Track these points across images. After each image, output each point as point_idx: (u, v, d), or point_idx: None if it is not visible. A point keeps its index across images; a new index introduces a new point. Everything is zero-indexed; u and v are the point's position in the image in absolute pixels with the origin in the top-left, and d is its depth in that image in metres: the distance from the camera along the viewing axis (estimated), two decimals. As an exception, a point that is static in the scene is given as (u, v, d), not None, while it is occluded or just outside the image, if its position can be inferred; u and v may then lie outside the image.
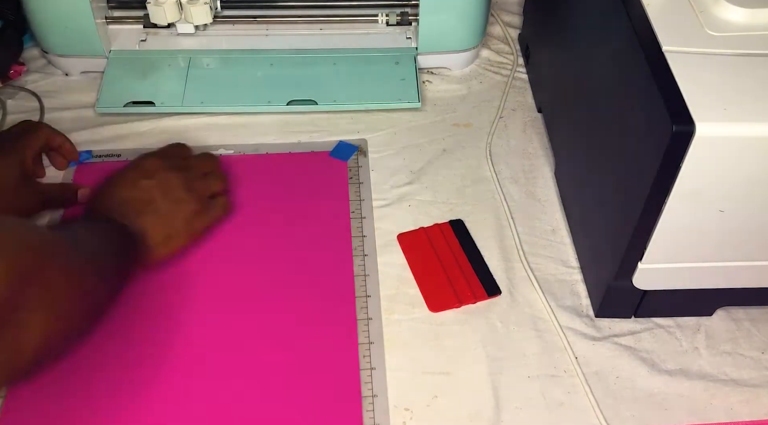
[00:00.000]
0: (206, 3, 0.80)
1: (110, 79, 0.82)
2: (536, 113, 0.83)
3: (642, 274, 0.59)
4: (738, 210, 0.53)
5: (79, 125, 0.79)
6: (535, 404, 0.59)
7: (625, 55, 0.56)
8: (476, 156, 0.78)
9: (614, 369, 0.62)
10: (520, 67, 0.89)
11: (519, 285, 0.67)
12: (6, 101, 0.82)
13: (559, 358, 0.62)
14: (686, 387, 0.61)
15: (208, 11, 0.81)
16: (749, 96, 0.50)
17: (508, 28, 0.93)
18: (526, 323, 0.64)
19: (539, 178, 0.77)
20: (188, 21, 0.82)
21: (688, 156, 0.49)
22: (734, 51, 0.53)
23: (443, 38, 0.84)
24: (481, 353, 0.62)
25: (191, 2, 0.80)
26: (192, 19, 0.81)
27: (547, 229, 0.72)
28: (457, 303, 0.65)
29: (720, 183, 0.51)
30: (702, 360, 0.62)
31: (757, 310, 0.66)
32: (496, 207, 0.73)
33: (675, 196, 0.52)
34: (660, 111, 0.49)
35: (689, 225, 0.54)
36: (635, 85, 0.54)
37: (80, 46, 0.82)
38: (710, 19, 0.55)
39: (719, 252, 0.58)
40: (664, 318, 0.65)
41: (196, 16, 0.81)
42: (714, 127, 0.48)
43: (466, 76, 0.88)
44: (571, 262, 0.69)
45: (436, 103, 0.84)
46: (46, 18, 0.80)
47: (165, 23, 0.81)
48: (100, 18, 0.81)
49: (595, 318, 0.65)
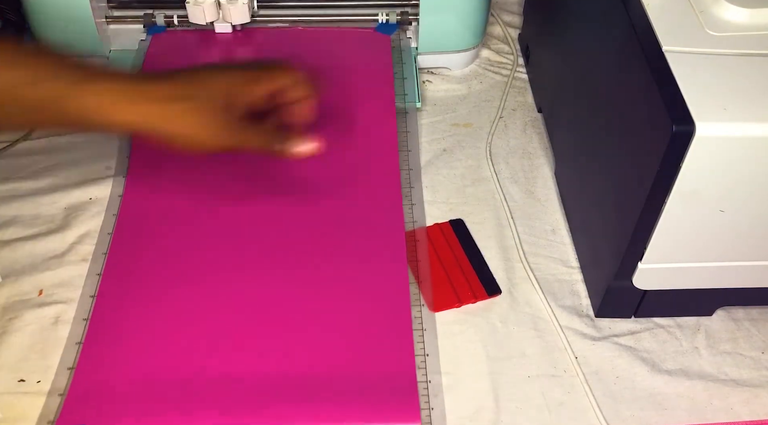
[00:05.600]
0: (245, 3, 0.81)
1: (110, 79, 0.82)
2: (536, 113, 0.83)
3: (642, 274, 0.59)
4: (738, 210, 0.53)
5: (79, 125, 0.79)
6: (535, 404, 0.59)
7: (625, 55, 0.56)
8: (476, 156, 0.78)
9: (614, 369, 0.62)
10: (520, 67, 0.89)
11: (519, 285, 0.67)
12: (6, 101, 0.82)
13: (559, 358, 0.62)
14: (686, 387, 0.61)
15: (246, 11, 0.81)
16: (749, 96, 0.50)
17: (508, 28, 0.93)
18: (526, 323, 0.64)
19: (539, 178, 0.77)
20: (226, 20, 0.82)
21: (688, 156, 0.49)
22: (734, 51, 0.53)
23: (443, 38, 0.84)
24: (481, 353, 0.62)
25: (230, 2, 0.81)
26: (230, 18, 0.82)
27: (547, 229, 0.72)
28: (458, 302, 0.65)
29: (720, 183, 0.51)
30: (702, 360, 0.62)
31: (757, 310, 0.66)
32: (496, 207, 0.74)
33: (675, 195, 0.52)
34: (660, 111, 0.49)
35: (689, 225, 0.55)
36: (635, 85, 0.54)
37: (80, 46, 0.82)
38: (710, 19, 0.55)
39: (719, 252, 0.58)
40: (664, 318, 0.65)
41: (235, 16, 0.82)
42: (714, 127, 0.48)
43: (466, 76, 0.88)
44: (571, 262, 0.69)
45: (436, 103, 0.84)
46: (46, 18, 0.80)
47: (203, 23, 0.81)
48: (100, 18, 0.81)
49: (595, 318, 0.65)
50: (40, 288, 0.65)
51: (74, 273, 0.66)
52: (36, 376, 0.59)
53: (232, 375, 0.58)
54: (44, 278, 0.66)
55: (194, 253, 0.65)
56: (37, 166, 0.75)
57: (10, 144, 0.77)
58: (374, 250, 0.66)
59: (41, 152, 0.76)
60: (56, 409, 0.56)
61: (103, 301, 0.62)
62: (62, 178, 0.74)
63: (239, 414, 0.56)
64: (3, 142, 0.77)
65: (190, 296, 0.62)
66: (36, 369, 0.60)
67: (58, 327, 0.62)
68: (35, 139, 0.78)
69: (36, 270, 0.66)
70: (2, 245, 0.68)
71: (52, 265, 0.67)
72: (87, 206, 0.71)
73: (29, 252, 0.68)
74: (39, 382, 0.59)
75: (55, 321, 0.63)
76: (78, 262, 0.67)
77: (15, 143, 0.77)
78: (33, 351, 0.61)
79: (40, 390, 0.58)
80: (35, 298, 0.64)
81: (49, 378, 0.59)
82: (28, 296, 0.64)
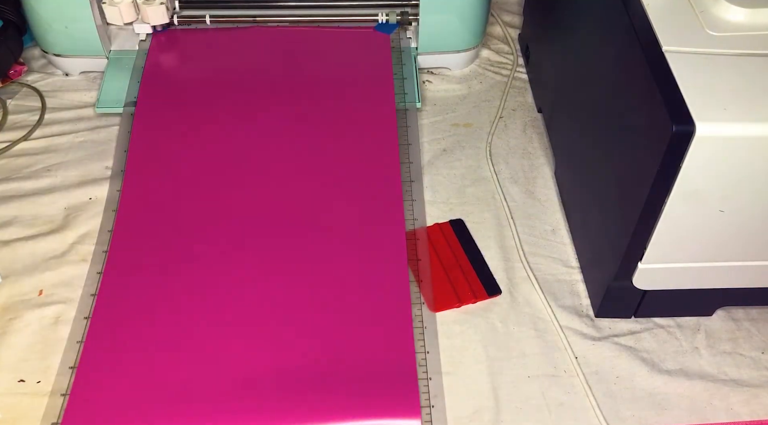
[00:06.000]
0: (162, 3, 0.80)
1: (110, 79, 0.82)
2: (536, 113, 0.83)
3: (642, 274, 0.59)
4: (738, 210, 0.53)
5: (79, 125, 0.79)
6: (535, 404, 0.59)
7: (625, 55, 0.56)
8: (476, 156, 0.78)
9: (614, 369, 0.62)
10: (520, 67, 0.89)
11: (519, 285, 0.67)
12: (7, 101, 0.82)
13: (559, 358, 0.62)
14: (686, 387, 0.61)
15: (164, 11, 0.81)
16: (749, 96, 0.50)
17: (508, 28, 0.93)
18: (526, 323, 0.64)
19: (539, 178, 0.77)
20: (145, 21, 0.82)
21: (688, 156, 0.49)
22: (734, 51, 0.53)
23: (443, 38, 0.84)
24: (481, 353, 0.62)
25: (147, 2, 0.80)
26: (149, 19, 0.82)
27: (547, 229, 0.72)
28: (458, 302, 0.65)
29: (720, 183, 0.51)
30: (702, 360, 0.62)
31: (757, 310, 0.66)
32: (496, 207, 0.74)
33: (675, 195, 0.52)
34: (660, 111, 0.49)
35: (689, 225, 0.54)
36: (635, 85, 0.54)
37: (80, 46, 0.82)
38: (710, 19, 0.55)
39: (719, 252, 0.58)
40: (664, 318, 0.65)
41: (153, 17, 0.81)
42: (714, 127, 0.48)
43: (466, 76, 0.88)
44: (571, 262, 0.69)
45: (436, 103, 0.84)
46: (46, 18, 0.80)
47: (121, 23, 0.81)
48: (100, 18, 0.81)
49: (595, 318, 0.65)
50: (40, 288, 0.65)
51: (74, 273, 0.66)
52: (36, 376, 0.59)
53: (234, 372, 0.58)
54: (44, 278, 0.66)
55: (195, 252, 0.65)
56: (37, 166, 0.75)
57: (10, 144, 0.77)
58: (375, 249, 0.66)
59: (41, 152, 0.76)
60: (59, 410, 0.56)
61: (104, 300, 0.62)
62: (62, 178, 0.74)
63: (242, 410, 0.56)
64: (3, 142, 0.77)
65: (192, 295, 0.62)
66: (36, 370, 0.60)
67: (58, 327, 0.62)
68: (35, 139, 0.78)
69: (36, 270, 0.66)
70: (2, 245, 0.68)
71: (52, 265, 0.67)
72: (87, 206, 0.71)
73: (29, 252, 0.68)
74: (39, 382, 0.59)
75: (55, 321, 0.63)
76: (78, 262, 0.67)
77: (15, 143, 0.77)
78: (33, 351, 0.61)
79: (40, 391, 0.58)
80: (35, 298, 0.64)
81: (49, 379, 0.59)
82: (28, 296, 0.64)
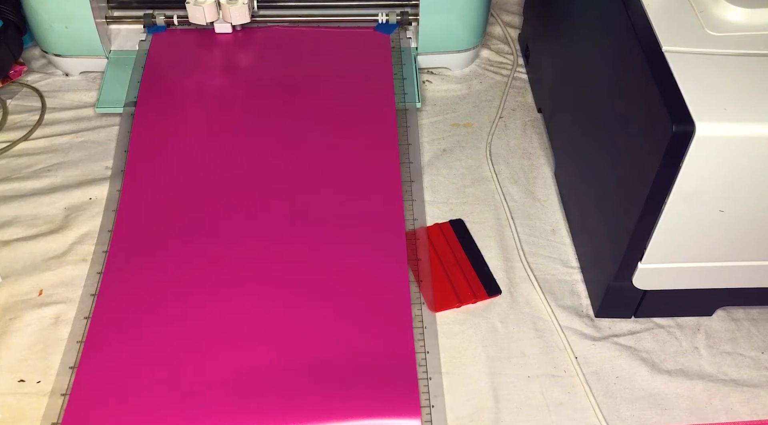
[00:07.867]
0: (245, 3, 0.81)
1: (110, 79, 0.82)
2: (536, 113, 0.83)
3: (642, 274, 0.59)
4: (738, 210, 0.53)
5: (79, 125, 0.79)
6: (535, 404, 0.59)
7: (625, 55, 0.56)
8: (476, 156, 0.78)
9: (614, 369, 0.62)
10: (520, 67, 0.89)
11: (519, 285, 0.67)
12: (7, 101, 0.82)
13: (559, 358, 0.62)
14: (686, 387, 0.61)
15: (246, 11, 0.82)
16: (749, 96, 0.50)
17: (508, 28, 0.93)
18: (526, 323, 0.64)
19: (539, 178, 0.77)
20: (226, 20, 0.83)
21: (688, 156, 0.49)
22: (734, 51, 0.53)
23: (443, 38, 0.84)
24: (481, 353, 0.62)
25: (231, 2, 0.81)
26: (230, 18, 0.82)
27: (547, 229, 0.72)
28: (458, 302, 0.65)
29: (720, 183, 0.51)
30: (702, 360, 0.62)
31: (756, 310, 0.66)
32: (496, 207, 0.74)
33: (675, 195, 0.52)
34: (660, 111, 0.49)
35: (689, 225, 0.54)
36: (635, 85, 0.54)
37: (80, 46, 0.82)
38: (710, 19, 0.55)
39: (719, 252, 0.58)
40: (664, 318, 0.65)
41: (235, 16, 0.82)
42: (714, 127, 0.48)
43: (466, 76, 0.88)
44: (571, 262, 0.69)
45: (436, 103, 0.84)
46: (46, 18, 0.80)
47: (204, 23, 0.82)
48: (100, 18, 0.81)
49: (595, 318, 0.65)
50: (40, 288, 0.65)
51: (74, 273, 0.66)
52: (36, 376, 0.59)
53: (234, 371, 0.58)
54: (44, 278, 0.66)
55: (195, 251, 0.65)
56: (37, 166, 0.75)
57: (10, 144, 0.77)
58: (375, 249, 0.66)
59: (41, 152, 0.76)
60: (59, 410, 0.56)
61: (104, 300, 0.62)
62: (62, 178, 0.74)
63: (242, 410, 0.56)
64: (3, 142, 0.77)
65: (192, 295, 0.62)
66: (36, 369, 0.60)
67: (58, 327, 0.62)
68: (35, 139, 0.78)
69: (36, 270, 0.66)
70: (2, 245, 0.68)
71: (52, 265, 0.67)
72: (87, 206, 0.71)
73: (29, 252, 0.68)
74: (39, 382, 0.59)
75: (55, 321, 0.63)
76: (78, 262, 0.67)
77: (15, 143, 0.77)
78: (33, 351, 0.61)
79: (40, 391, 0.58)
80: (35, 298, 0.64)
81: (49, 379, 0.59)
82: (28, 296, 0.64)
